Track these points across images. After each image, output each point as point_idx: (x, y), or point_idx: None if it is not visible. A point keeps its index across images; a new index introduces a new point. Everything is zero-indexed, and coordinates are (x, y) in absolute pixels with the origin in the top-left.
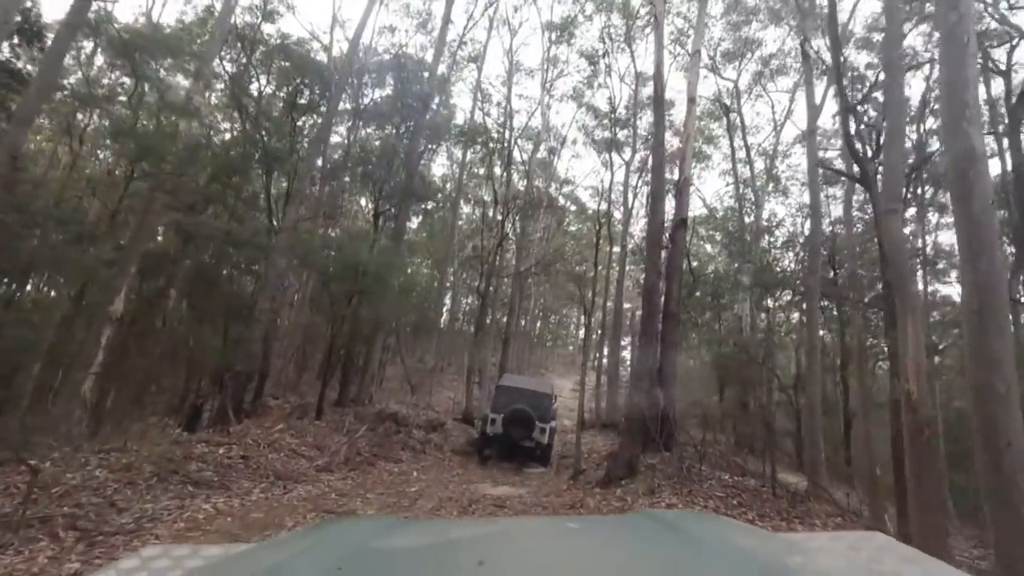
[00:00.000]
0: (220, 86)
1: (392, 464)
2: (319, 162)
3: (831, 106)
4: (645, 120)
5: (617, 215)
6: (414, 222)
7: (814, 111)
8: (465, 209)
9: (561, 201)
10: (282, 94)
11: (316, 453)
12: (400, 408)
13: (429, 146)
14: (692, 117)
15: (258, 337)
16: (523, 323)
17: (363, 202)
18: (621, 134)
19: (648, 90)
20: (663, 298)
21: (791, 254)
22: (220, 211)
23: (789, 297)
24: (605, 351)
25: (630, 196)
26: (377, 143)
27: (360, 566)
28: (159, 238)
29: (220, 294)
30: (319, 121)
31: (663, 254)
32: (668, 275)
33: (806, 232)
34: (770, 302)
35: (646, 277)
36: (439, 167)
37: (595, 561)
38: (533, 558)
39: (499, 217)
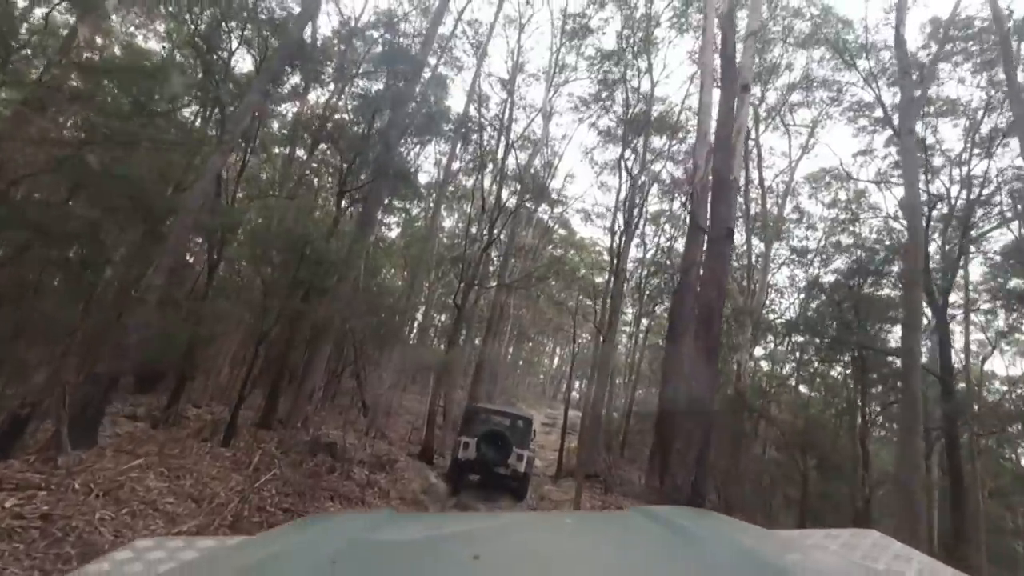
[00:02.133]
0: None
1: None
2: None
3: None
4: (656, 143)
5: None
6: (393, 229)
7: (911, 106)
8: (447, 223)
9: (551, 224)
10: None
11: (189, 507)
12: (342, 436)
13: (416, 135)
14: (744, 107)
15: (138, 324)
16: (498, 347)
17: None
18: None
19: (654, 110)
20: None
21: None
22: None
23: (786, 345)
24: (589, 387)
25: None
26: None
27: (355, 559)
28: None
29: (101, 261)
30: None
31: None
32: (706, 301)
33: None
34: (759, 349)
35: (689, 292)
36: (424, 175)
37: (590, 556)
38: (528, 553)
39: (487, 222)
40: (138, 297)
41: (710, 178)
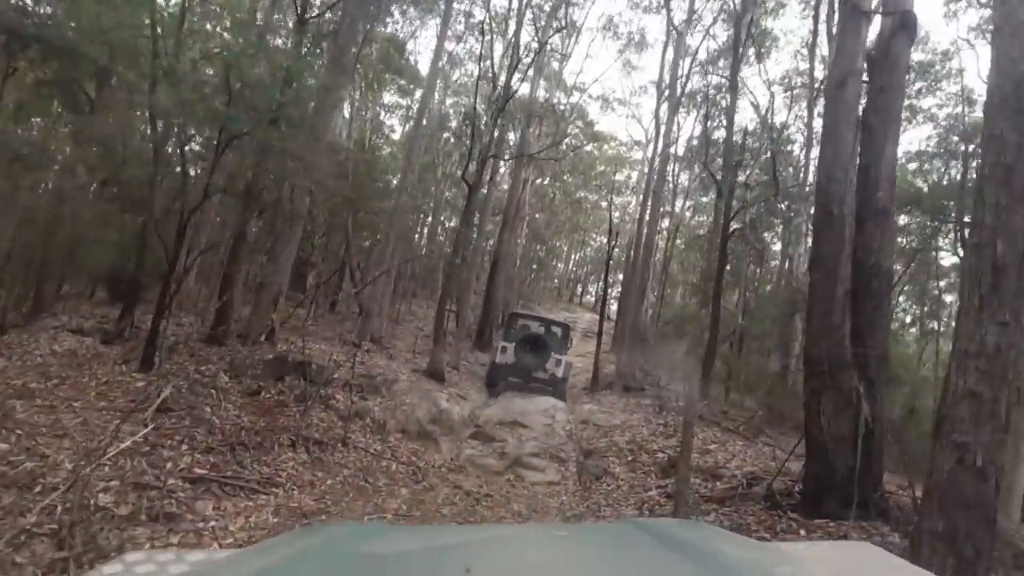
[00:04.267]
0: None
1: (245, 500)
2: None
3: None
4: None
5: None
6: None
7: None
8: (453, 122)
9: (567, 113)
10: None
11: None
12: (324, 350)
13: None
14: None
15: None
16: (514, 246)
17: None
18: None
19: None
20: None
21: None
22: None
23: None
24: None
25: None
26: None
27: (347, 573)
28: None
29: None
30: None
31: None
32: (865, 142)
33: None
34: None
35: (846, 123)
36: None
37: (583, 569)
38: (521, 566)
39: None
40: None
41: None
